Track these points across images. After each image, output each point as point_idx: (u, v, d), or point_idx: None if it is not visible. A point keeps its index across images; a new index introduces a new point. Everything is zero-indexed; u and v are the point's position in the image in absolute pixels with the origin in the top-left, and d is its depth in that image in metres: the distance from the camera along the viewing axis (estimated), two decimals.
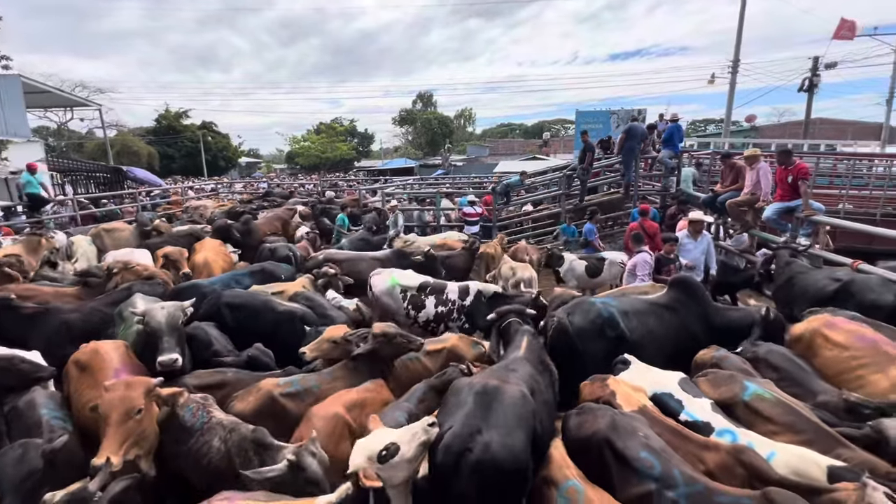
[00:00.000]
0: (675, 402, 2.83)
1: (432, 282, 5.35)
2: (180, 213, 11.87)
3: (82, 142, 32.89)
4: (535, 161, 26.68)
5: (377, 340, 3.40)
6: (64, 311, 4.53)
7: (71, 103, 22.65)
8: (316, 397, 3.15)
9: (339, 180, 25.39)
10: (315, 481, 2.26)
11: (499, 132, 61.53)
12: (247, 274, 5.66)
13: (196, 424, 2.63)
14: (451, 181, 20.04)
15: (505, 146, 43.37)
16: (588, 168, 10.37)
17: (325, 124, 50.77)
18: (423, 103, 55.40)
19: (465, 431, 2.24)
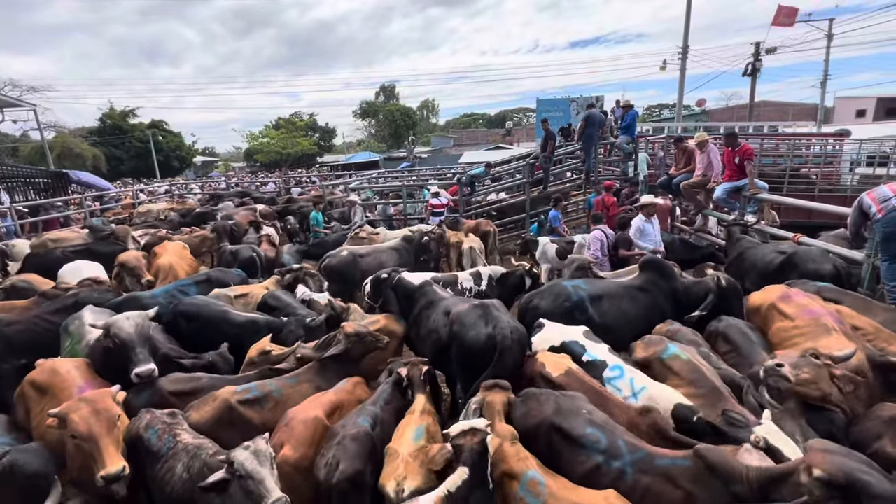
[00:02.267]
0: (578, 347, 3.43)
1: (441, 276, 5.34)
2: (133, 217, 11.29)
3: (16, 145, 30.54)
4: (500, 150, 26.91)
5: (349, 340, 3.37)
6: (3, 324, 4.32)
7: (0, 104, 20.92)
8: (277, 402, 3.05)
9: (303, 177, 24.77)
10: (245, 474, 2.14)
11: (462, 122, 61.58)
12: (191, 283, 5.33)
13: (162, 449, 2.51)
14: (416, 174, 19.93)
15: (469, 136, 43.45)
16: (550, 156, 10.58)
17: (285, 119, 49.13)
18: (386, 95, 54.61)
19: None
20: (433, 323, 4.07)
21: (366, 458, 2.52)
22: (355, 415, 2.83)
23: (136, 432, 2.59)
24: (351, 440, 2.57)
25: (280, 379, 3.24)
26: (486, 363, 3.36)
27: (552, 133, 10.68)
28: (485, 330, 3.49)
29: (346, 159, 40.61)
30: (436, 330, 3.98)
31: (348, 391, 3.19)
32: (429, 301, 4.35)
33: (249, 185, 20.46)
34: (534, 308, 4.16)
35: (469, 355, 3.48)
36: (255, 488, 2.11)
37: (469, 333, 3.52)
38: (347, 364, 3.43)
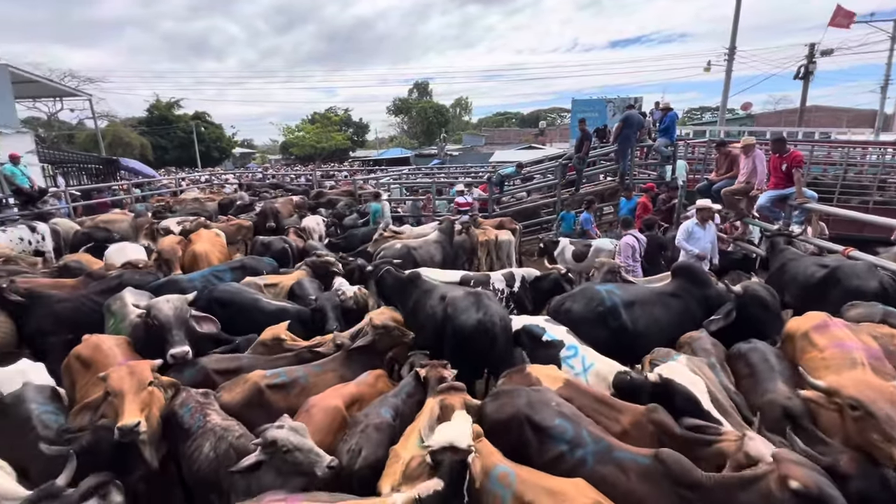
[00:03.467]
0: (539, 329, 3.68)
1: (472, 275, 5.34)
2: (174, 204, 11.79)
3: (73, 133, 32.45)
4: (532, 150, 26.59)
5: (376, 332, 3.41)
6: (54, 300, 4.64)
7: (60, 93, 22.31)
8: (303, 389, 3.13)
9: (335, 171, 25.24)
10: (293, 448, 2.24)
11: (495, 121, 61.16)
12: (227, 269, 5.57)
13: (193, 427, 2.62)
14: (446, 171, 19.96)
15: (501, 135, 43.11)
16: (584, 157, 10.37)
17: (320, 114, 50.23)
18: (420, 92, 54.89)
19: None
20: (430, 309, 4.24)
21: (387, 447, 2.59)
22: (378, 405, 2.91)
23: (172, 408, 2.71)
24: (374, 429, 2.67)
25: (307, 366, 3.32)
26: (474, 348, 3.65)
27: (588, 134, 10.47)
28: (475, 315, 3.73)
29: (377, 155, 41.14)
30: (433, 315, 4.14)
31: (370, 384, 3.25)
32: (424, 290, 4.51)
33: (283, 178, 21.01)
34: (565, 311, 4.08)
35: (459, 339, 3.72)
36: (306, 457, 2.24)
37: (460, 317, 3.77)
38: (373, 356, 3.48)
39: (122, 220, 8.55)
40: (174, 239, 6.49)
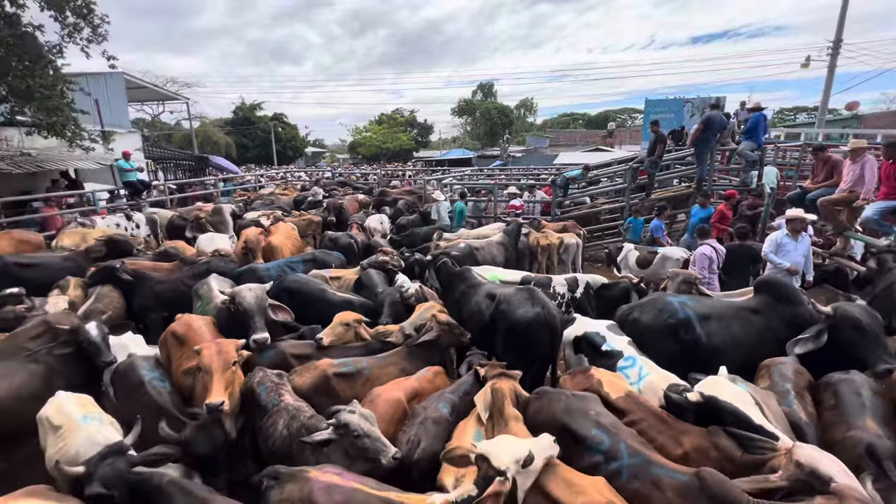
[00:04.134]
0: (599, 338, 3.68)
1: (534, 276, 5.35)
2: (254, 199, 12.77)
3: (171, 132, 36.17)
4: (599, 152, 25.60)
5: (440, 329, 3.49)
6: (154, 281, 5.24)
7: (163, 97, 24.92)
8: (367, 379, 3.29)
9: (399, 170, 25.95)
10: (362, 434, 2.39)
11: (560, 122, 59.50)
12: (300, 261, 5.99)
13: (268, 405, 2.83)
14: (508, 172, 19.77)
15: (566, 137, 41.85)
16: (657, 160, 9.81)
17: (387, 115, 51.87)
18: (484, 93, 54.86)
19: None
20: (475, 305, 4.35)
21: (443, 440, 2.71)
22: (436, 399, 3.01)
23: (251, 386, 2.95)
24: (432, 423, 2.79)
25: (372, 358, 3.47)
26: (532, 341, 3.76)
27: (662, 136, 9.88)
28: (533, 309, 3.83)
29: (440, 155, 41.68)
30: (479, 311, 4.24)
31: (428, 380, 3.35)
32: (469, 284, 4.68)
33: (350, 176, 21.96)
34: (633, 321, 3.91)
35: (517, 333, 3.81)
36: (373, 445, 2.38)
37: (517, 311, 3.87)
38: (433, 352, 3.57)
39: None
40: (257, 230, 7.03)
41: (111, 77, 16.08)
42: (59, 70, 9.50)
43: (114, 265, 5.14)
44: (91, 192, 11.99)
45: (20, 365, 3.26)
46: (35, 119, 9.39)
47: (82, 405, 2.75)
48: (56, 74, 9.39)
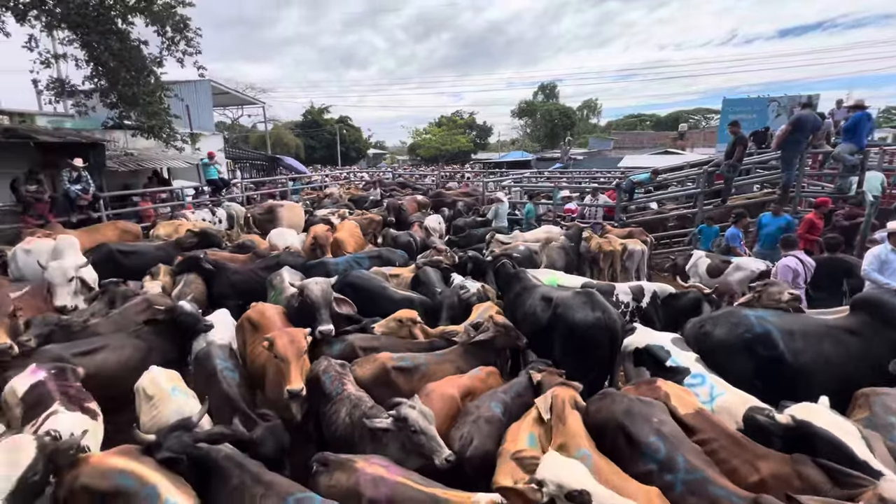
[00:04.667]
0: (663, 352, 3.49)
1: (595, 283, 5.21)
2: (321, 196, 13.45)
3: (247, 134, 39.03)
4: (668, 155, 24.16)
5: (497, 330, 3.49)
6: (231, 271, 5.67)
7: (242, 102, 26.94)
8: (423, 375, 3.35)
9: (457, 172, 26.16)
10: (419, 430, 2.45)
11: (626, 124, 56.92)
12: (366, 257, 6.28)
13: (332, 393, 2.97)
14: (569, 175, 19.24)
15: (632, 139, 39.94)
16: (736, 164, 9.08)
17: (447, 117, 52.51)
18: (545, 94, 53.89)
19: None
20: (529, 307, 4.28)
21: (495, 440, 2.73)
22: (488, 399, 3.02)
23: (316, 373, 3.11)
24: (485, 422, 2.81)
25: (430, 354, 3.55)
26: (591, 346, 3.67)
27: (743, 137, 9.13)
28: (592, 314, 3.73)
29: (498, 157, 41.48)
30: (533, 314, 4.16)
31: (482, 379, 3.36)
32: (524, 286, 4.61)
33: (410, 177, 22.48)
34: (705, 335, 3.65)
35: (574, 337, 3.73)
36: (428, 443, 2.45)
37: (576, 316, 3.78)
38: (488, 352, 3.58)
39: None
40: (325, 227, 7.44)
41: (200, 84, 17.63)
42: (158, 79, 10.59)
43: (198, 255, 5.64)
44: (180, 189, 13.25)
45: (127, 339, 3.70)
46: (138, 122, 10.54)
47: (171, 379, 3.05)
48: (156, 83, 10.48)
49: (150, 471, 2.15)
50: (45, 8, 8.80)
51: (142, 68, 10.06)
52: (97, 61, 9.51)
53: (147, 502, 2.02)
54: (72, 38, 9.34)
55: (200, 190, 13.47)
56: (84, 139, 11.05)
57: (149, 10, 9.65)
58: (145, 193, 11.99)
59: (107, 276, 5.36)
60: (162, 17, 9.94)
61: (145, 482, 2.09)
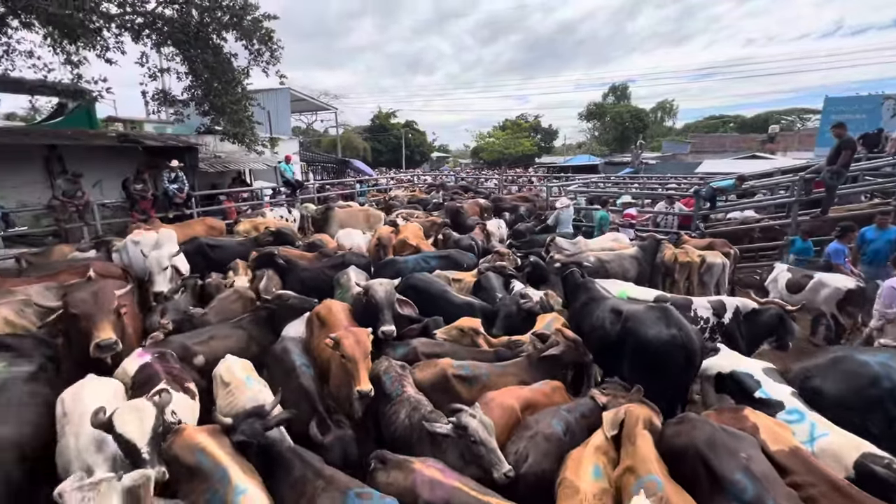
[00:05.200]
0: (752, 381, 3.13)
1: (669, 296, 4.90)
2: (386, 199, 13.88)
3: (320, 139, 41.27)
4: (756, 160, 22.07)
5: (567, 345, 3.35)
6: (300, 268, 5.95)
7: (317, 108, 28.59)
8: (484, 385, 3.27)
9: (521, 176, 25.79)
10: (479, 441, 2.40)
11: (706, 126, 52.82)
12: (435, 256, 6.36)
13: (392, 394, 3.00)
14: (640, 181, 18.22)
15: (713, 142, 36.92)
16: (841, 170, 8.05)
17: (511, 120, 52.01)
18: (616, 96, 51.63)
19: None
20: (597, 320, 4.05)
21: (553, 459, 2.59)
22: (550, 415, 2.88)
23: (377, 373, 3.16)
24: (544, 439, 2.68)
25: (491, 365, 3.48)
26: (666, 365, 3.38)
27: (850, 141, 8.08)
28: (667, 330, 3.44)
29: (563, 161, 40.33)
30: (601, 327, 3.95)
31: (546, 393, 3.22)
32: (592, 298, 4.37)
33: (472, 181, 22.51)
34: (815, 391, 3.08)
35: (646, 356, 3.47)
36: (488, 456, 2.40)
37: (649, 332, 3.50)
38: (554, 367, 3.44)
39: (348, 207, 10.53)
40: (389, 229, 7.65)
41: (280, 92, 18.96)
42: (245, 89, 11.50)
43: (272, 252, 6.02)
44: (259, 189, 14.31)
45: (231, 329, 4.08)
46: (226, 129, 11.51)
47: (245, 369, 3.25)
48: (242, 93, 11.39)
49: (225, 455, 2.30)
50: (156, 27, 9.90)
51: (231, 79, 10.98)
52: (194, 73, 10.53)
53: (219, 484, 2.15)
54: (175, 53, 10.42)
55: (277, 190, 14.45)
56: (181, 143, 12.30)
57: (240, 26, 10.51)
58: (230, 193, 13.10)
59: (197, 266, 5.92)
60: (250, 32, 10.78)
61: (219, 464, 2.23)
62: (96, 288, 3.30)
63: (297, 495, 2.24)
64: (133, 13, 9.60)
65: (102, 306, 3.14)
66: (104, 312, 3.11)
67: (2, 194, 9.35)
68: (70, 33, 8.55)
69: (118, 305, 3.31)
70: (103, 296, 3.22)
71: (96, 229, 9.13)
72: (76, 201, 8.97)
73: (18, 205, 9.72)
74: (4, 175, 9.83)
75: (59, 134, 11.20)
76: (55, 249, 6.84)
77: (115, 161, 11.61)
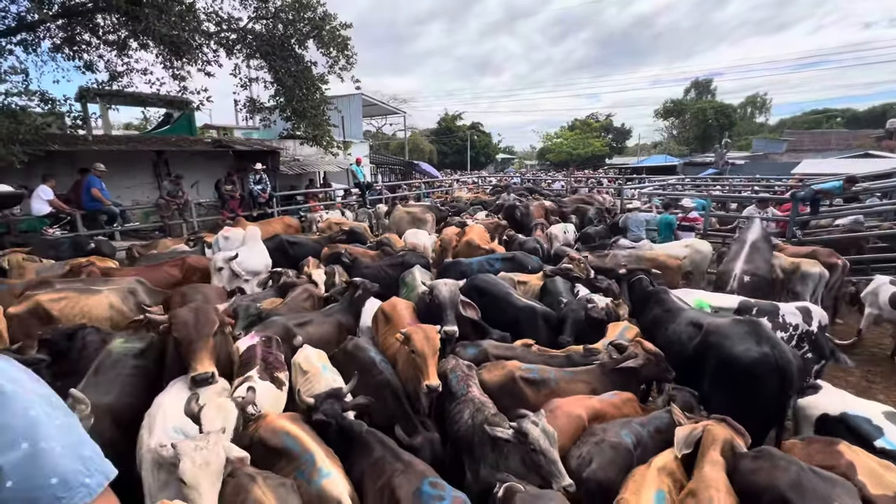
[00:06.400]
0: (871, 427, 2.64)
1: (753, 302, 4.48)
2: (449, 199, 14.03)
3: (388, 142, 42.77)
4: (869, 158, 19.37)
5: (647, 358, 3.17)
6: (363, 265, 6.20)
7: (386, 112, 29.63)
8: (552, 390, 3.17)
9: (590, 178, 24.84)
10: (539, 450, 2.32)
11: (806, 121, 47.33)
12: (499, 258, 6.29)
13: (458, 392, 3.00)
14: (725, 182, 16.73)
15: (814, 139, 32.91)
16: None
17: (581, 120, 50.32)
18: (699, 91, 48.00)
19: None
20: (673, 333, 3.78)
21: (618, 469, 2.46)
22: (620, 426, 2.74)
23: (443, 371, 3.19)
24: (610, 447, 2.55)
25: (560, 370, 3.36)
26: (753, 389, 3.09)
27: None
28: (757, 348, 3.14)
29: (636, 162, 38.21)
30: (678, 342, 3.67)
31: (616, 405, 3.04)
32: (666, 308, 4.11)
33: (539, 183, 22.04)
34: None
35: (731, 375, 3.18)
36: (547, 466, 2.31)
37: (735, 348, 3.21)
38: (629, 379, 3.26)
39: (417, 209, 10.81)
40: (454, 230, 7.74)
41: (353, 97, 19.91)
42: (323, 94, 12.22)
43: (339, 250, 6.34)
44: (332, 190, 15.13)
45: (323, 317, 4.33)
46: (305, 133, 12.30)
47: (322, 358, 3.43)
48: (321, 97, 12.11)
49: (310, 439, 2.43)
50: (247, 42, 10.85)
51: (311, 86, 11.73)
52: (279, 82, 11.38)
53: (306, 466, 2.27)
54: (262, 65, 11.35)
55: (349, 191, 15.19)
56: (266, 147, 13.35)
57: (319, 36, 11.20)
58: (308, 194, 13.99)
59: (279, 260, 6.39)
60: (329, 41, 11.44)
61: (306, 449, 2.36)
62: (198, 308, 3.10)
63: (375, 475, 2.30)
64: (228, 30, 10.59)
65: (202, 332, 2.93)
66: (203, 339, 2.90)
67: (118, 194, 10.76)
68: (177, 51, 9.64)
69: (220, 325, 3.10)
70: (204, 318, 3.00)
71: (193, 226, 10.20)
72: (178, 200, 10.09)
73: (132, 203, 11.14)
74: (120, 177, 11.33)
75: (166, 140, 12.69)
76: (160, 242, 7.74)
77: (210, 164, 12.91)
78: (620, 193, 12.63)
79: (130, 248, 7.22)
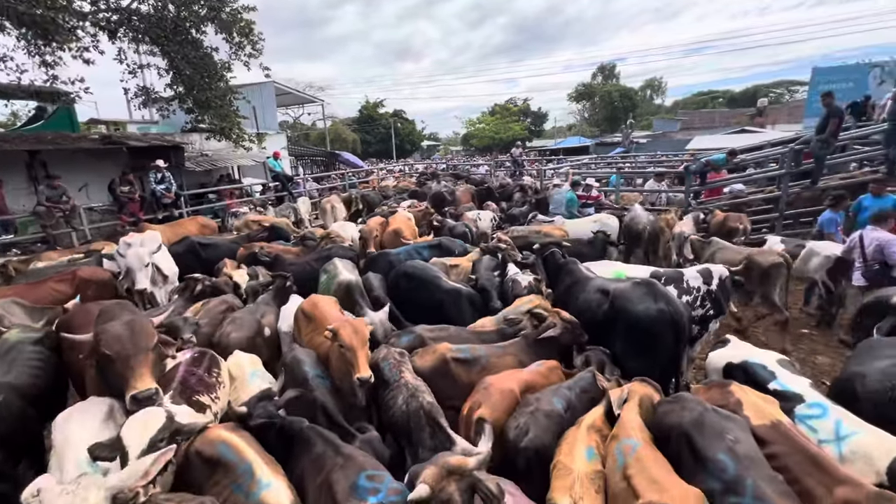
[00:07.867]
0: (766, 373, 2.96)
1: (662, 271, 4.86)
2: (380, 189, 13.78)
3: (308, 132, 40.82)
4: (745, 134, 22.09)
5: (564, 327, 3.36)
6: (286, 262, 5.96)
7: (303, 101, 28.14)
8: (483, 367, 3.28)
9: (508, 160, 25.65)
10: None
11: (695, 102, 52.72)
12: (426, 246, 6.34)
13: (390, 380, 3.01)
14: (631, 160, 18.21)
15: (703, 118, 36.84)
16: (830, 140, 8.07)
17: (500, 105, 51.65)
18: (604, 76, 51.34)
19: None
20: (583, 302, 4.04)
21: (553, 435, 2.62)
22: (550, 393, 2.91)
23: (375, 361, 3.16)
24: (544, 415, 2.70)
25: (490, 346, 3.48)
26: (654, 342, 3.45)
27: (838, 110, 8.09)
28: (654, 305, 3.51)
29: (554, 144, 40.20)
30: (588, 309, 3.94)
31: (543, 374, 3.24)
32: (576, 279, 4.39)
33: (462, 168, 22.39)
34: (848, 391, 2.79)
35: (635, 333, 3.52)
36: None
37: (637, 308, 3.55)
38: (551, 348, 3.46)
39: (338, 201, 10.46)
40: (378, 220, 7.61)
41: (264, 86, 18.63)
42: (228, 83, 11.30)
43: (253, 249, 6.00)
44: (249, 186, 14.15)
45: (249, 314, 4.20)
46: (211, 125, 11.34)
47: (253, 363, 3.25)
48: (226, 86, 11.20)
49: (248, 448, 2.30)
50: (132, 24, 9.67)
51: (213, 74, 10.79)
52: (176, 69, 10.33)
53: (243, 478, 2.14)
54: (153, 50, 10.21)
55: (267, 186, 14.31)
56: (166, 142, 12.09)
57: (218, 18, 10.29)
58: (219, 191, 12.93)
59: (190, 264, 5.86)
60: (229, 25, 10.57)
61: (243, 458, 2.22)
62: (132, 321, 2.73)
63: (316, 472, 2.26)
64: (107, 10, 9.35)
65: (139, 345, 2.59)
66: (143, 353, 2.57)
67: None
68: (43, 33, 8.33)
69: (157, 340, 2.77)
70: (141, 330, 2.67)
71: (85, 234, 9.02)
72: (62, 206, 8.82)
73: None
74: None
75: (40, 138, 10.94)
76: (42, 256, 6.74)
77: (100, 164, 11.41)
78: (539, 174, 13.22)
79: (4, 265, 6.22)
